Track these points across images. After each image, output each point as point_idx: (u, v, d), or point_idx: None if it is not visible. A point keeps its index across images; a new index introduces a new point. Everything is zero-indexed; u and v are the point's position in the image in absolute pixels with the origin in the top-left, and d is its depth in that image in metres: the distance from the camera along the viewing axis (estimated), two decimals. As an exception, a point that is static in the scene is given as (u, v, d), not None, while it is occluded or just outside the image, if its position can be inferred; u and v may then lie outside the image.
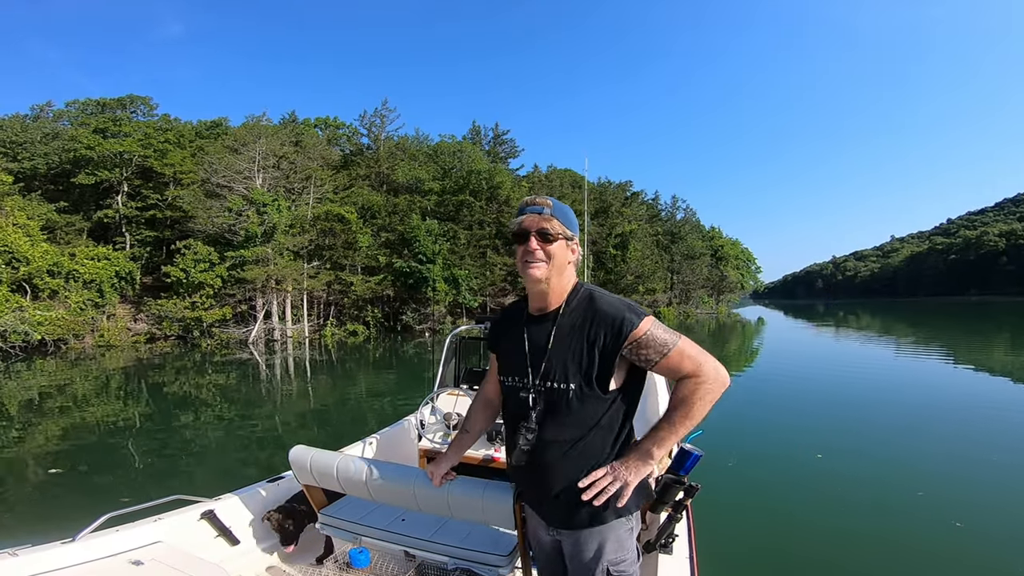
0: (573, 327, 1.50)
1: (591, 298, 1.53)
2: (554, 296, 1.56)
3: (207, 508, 2.45)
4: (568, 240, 1.55)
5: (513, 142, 46.36)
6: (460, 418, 3.66)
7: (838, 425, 8.29)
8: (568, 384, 1.47)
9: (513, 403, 1.62)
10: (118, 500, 3.89)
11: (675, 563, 2.06)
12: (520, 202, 1.61)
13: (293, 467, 2.28)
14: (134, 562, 1.88)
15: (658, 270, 47.63)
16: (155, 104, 36.31)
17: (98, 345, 24.05)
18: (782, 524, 4.79)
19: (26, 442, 8.15)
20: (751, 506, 5.16)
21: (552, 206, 1.54)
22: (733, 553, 4.08)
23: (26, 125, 31.95)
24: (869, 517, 4.79)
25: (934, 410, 9.22)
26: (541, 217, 1.52)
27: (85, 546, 1.98)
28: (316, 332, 30.31)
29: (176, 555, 1.98)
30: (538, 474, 1.55)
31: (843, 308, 76.37)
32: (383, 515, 2.30)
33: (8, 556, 1.82)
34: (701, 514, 2.71)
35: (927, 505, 5.03)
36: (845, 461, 6.40)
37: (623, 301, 1.51)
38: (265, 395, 12.90)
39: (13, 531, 4.77)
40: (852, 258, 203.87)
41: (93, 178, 29.52)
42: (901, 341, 23.56)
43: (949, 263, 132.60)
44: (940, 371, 14.22)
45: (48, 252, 23.60)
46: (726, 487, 5.40)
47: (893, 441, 7.31)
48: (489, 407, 1.92)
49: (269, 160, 30.11)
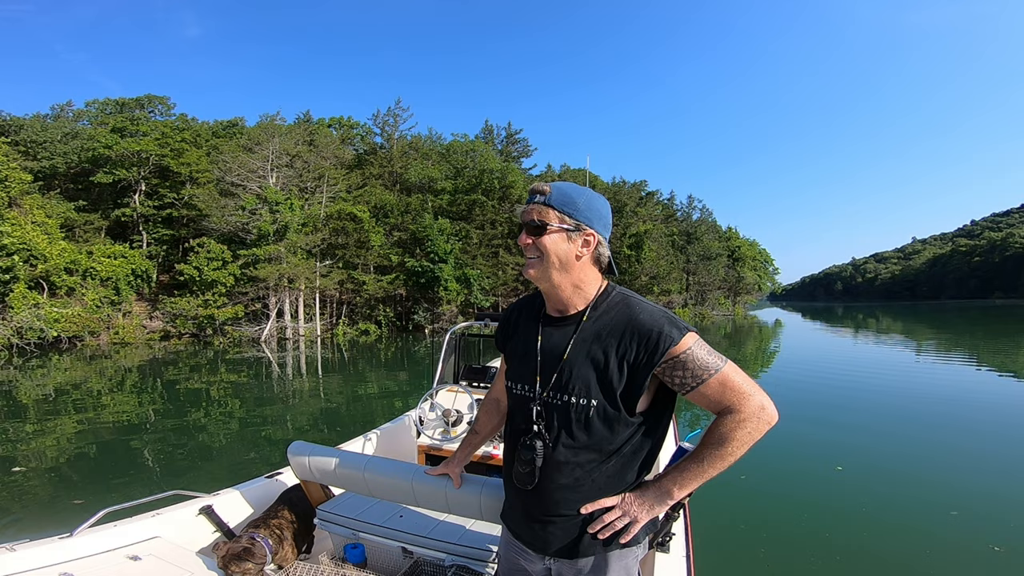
0: (599, 335, 1.30)
1: (625, 304, 1.32)
2: (575, 297, 1.36)
3: (205, 503, 2.43)
4: (572, 231, 1.31)
5: (526, 141, 46.04)
6: (458, 414, 3.72)
7: (860, 434, 7.88)
8: (590, 400, 1.27)
9: (520, 415, 1.41)
10: (117, 495, 3.84)
11: (672, 561, 2.05)
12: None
13: (291, 463, 2.27)
14: (132, 557, 1.88)
15: (673, 271, 47.03)
16: (172, 104, 36.80)
17: (113, 342, 24.27)
18: (783, 526, 4.66)
19: (32, 437, 8.13)
20: (752, 507, 5.02)
21: (550, 192, 1.32)
22: (731, 553, 4.04)
23: (46, 125, 32.42)
24: (891, 536, 4.43)
25: (969, 422, 8.60)
26: (534, 207, 1.32)
27: (83, 541, 1.97)
28: (328, 331, 30.35)
29: (174, 550, 1.99)
30: (542, 498, 1.34)
31: (863, 311, 74.82)
32: (381, 511, 2.30)
33: (5, 551, 1.81)
34: (699, 514, 2.68)
35: (961, 526, 4.58)
36: (865, 472, 6.06)
37: (663, 312, 1.29)
38: (276, 393, 12.86)
39: (10, 525, 4.76)
40: (872, 260, 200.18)
41: (111, 177, 29.90)
42: (926, 345, 22.79)
43: (973, 266, 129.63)
44: (973, 378, 13.59)
45: (66, 250, 23.89)
46: (726, 487, 5.25)
47: (922, 454, 6.85)
48: (498, 409, 1.76)
49: (282, 159, 30.27)
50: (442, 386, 4.05)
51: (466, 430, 3.71)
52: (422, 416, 3.80)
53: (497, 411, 1.76)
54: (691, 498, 1.46)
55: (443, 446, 3.67)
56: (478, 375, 4.24)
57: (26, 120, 32.03)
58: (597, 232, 1.33)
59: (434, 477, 1.90)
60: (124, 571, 1.81)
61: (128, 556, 1.89)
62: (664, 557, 2.05)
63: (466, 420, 3.77)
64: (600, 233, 1.34)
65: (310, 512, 2.45)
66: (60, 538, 1.96)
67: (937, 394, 10.98)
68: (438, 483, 1.87)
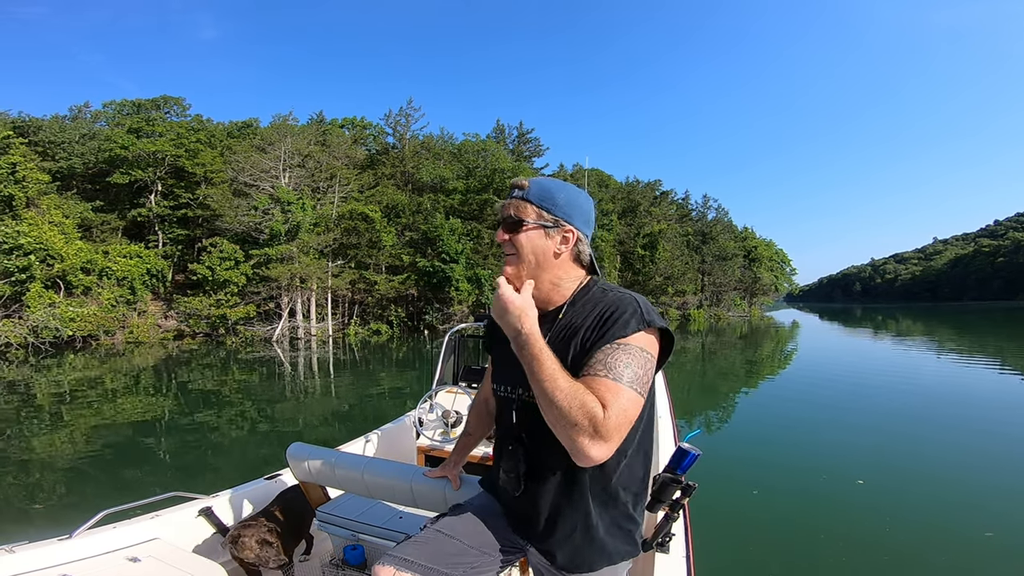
0: (569, 326, 1.25)
1: (603, 292, 1.28)
2: (554, 295, 1.31)
3: (205, 505, 2.41)
4: (550, 227, 1.26)
5: (538, 140, 45.78)
6: (458, 415, 3.71)
7: (871, 435, 7.59)
8: None
9: (504, 418, 1.39)
10: (117, 497, 3.79)
11: (671, 562, 2.03)
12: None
13: (290, 464, 2.23)
14: (131, 559, 1.88)
15: (688, 271, 46.48)
16: (188, 105, 37.23)
17: (127, 341, 24.49)
18: (783, 526, 4.59)
19: (39, 437, 8.09)
20: (752, 507, 4.96)
21: (527, 187, 1.29)
22: (732, 554, 4.00)
23: (64, 125, 32.90)
24: (898, 540, 4.19)
25: (1006, 436, 7.84)
26: (512, 201, 1.29)
27: (82, 542, 1.97)
28: (340, 331, 30.39)
29: (173, 552, 1.99)
30: (533, 500, 1.30)
31: (882, 312, 73.16)
32: (380, 513, 2.27)
33: (4, 552, 1.81)
34: (699, 515, 2.71)
35: (997, 549, 4.16)
36: (867, 471, 5.88)
37: (636, 300, 1.21)
38: (287, 393, 12.82)
39: (9, 527, 4.71)
40: (892, 260, 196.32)
41: (127, 177, 30.25)
42: (955, 349, 22.03)
43: (997, 266, 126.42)
44: (1011, 386, 12.97)
45: (82, 249, 24.18)
46: (726, 488, 5.22)
47: (954, 469, 6.30)
48: (487, 409, 1.75)
49: (294, 159, 30.39)
50: (441, 387, 4.03)
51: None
52: (422, 417, 3.78)
53: (487, 412, 1.74)
54: (691, 499, 1.48)
55: (443, 447, 3.65)
56: (478, 376, 4.21)
57: (45, 121, 32.52)
58: (577, 228, 1.29)
59: (433, 479, 1.87)
60: (123, 573, 1.81)
61: (127, 558, 1.90)
62: (664, 557, 2.03)
63: (465, 421, 3.67)
64: (580, 230, 1.30)
65: (308, 513, 2.42)
66: (59, 540, 1.97)
67: (979, 404, 10.36)
68: (437, 485, 1.85)
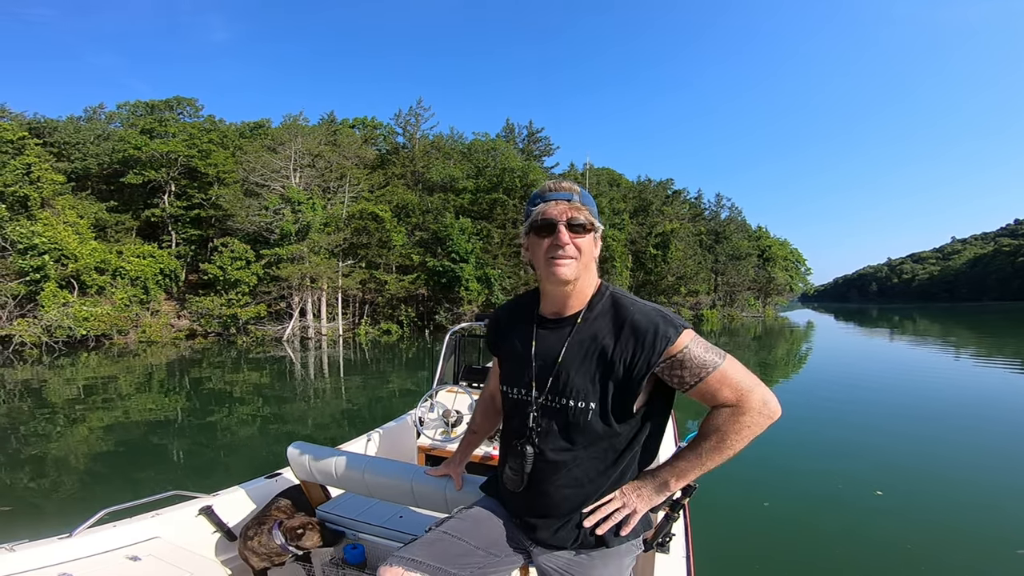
0: (595, 338, 1.29)
1: (619, 304, 1.31)
2: (576, 299, 1.34)
3: (205, 504, 2.42)
4: (596, 232, 1.33)
5: (548, 140, 45.35)
6: (458, 415, 3.73)
7: (877, 435, 7.55)
8: (588, 403, 1.27)
9: (517, 419, 1.40)
10: (117, 495, 3.77)
11: (672, 562, 2.04)
12: (539, 188, 1.37)
13: (291, 463, 2.25)
14: (131, 558, 1.90)
15: (701, 271, 45.91)
16: (200, 105, 37.42)
17: (140, 341, 24.66)
18: (783, 526, 4.56)
19: (51, 435, 8.08)
20: (752, 507, 4.95)
21: (580, 192, 1.33)
22: (732, 554, 4.01)
23: (79, 127, 33.23)
24: (899, 540, 4.14)
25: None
26: (570, 205, 1.29)
27: (82, 541, 1.98)
28: (350, 330, 30.39)
29: (174, 551, 2.01)
30: (537, 498, 1.35)
31: (899, 312, 71.71)
32: (381, 512, 2.29)
33: (5, 551, 1.82)
34: (699, 515, 2.71)
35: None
36: (870, 473, 5.77)
37: (657, 310, 1.27)
38: (297, 392, 12.80)
39: (16, 524, 4.73)
40: (909, 260, 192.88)
41: (141, 178, 30.49)
42: (968, 348, 21.39)
43: (1017, 266, 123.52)
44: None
45: (96, 249, 24.38)
46: (727, 486, 5.18)
47: (978, 474, 5.99)
48: (494, 407, 1.76)
49: (305, 159, 30.43)
50: (442, 386, 4.05)
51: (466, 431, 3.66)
52: (422, 417, 3.79)
53: (493, 409, 1.75)
54: (691, 499, 1.46)
55: (443, 447, 3.64)
56: (478, 375, 4.24)
57: (60, 122, 32.88)
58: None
59: (434, 478, 1.87)
60: (124, 571, 1.82)
61: (128, 556, 1.91)
62: (664, 558, 2.04)
63: (466, 421, 3.71)
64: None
65: (309, 512, 2.41)
66: (60, 538, 1.97)
67: (997, 403, 10.01)
68: (438, 484, 1.85)
